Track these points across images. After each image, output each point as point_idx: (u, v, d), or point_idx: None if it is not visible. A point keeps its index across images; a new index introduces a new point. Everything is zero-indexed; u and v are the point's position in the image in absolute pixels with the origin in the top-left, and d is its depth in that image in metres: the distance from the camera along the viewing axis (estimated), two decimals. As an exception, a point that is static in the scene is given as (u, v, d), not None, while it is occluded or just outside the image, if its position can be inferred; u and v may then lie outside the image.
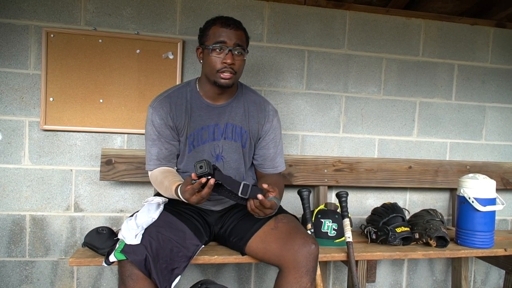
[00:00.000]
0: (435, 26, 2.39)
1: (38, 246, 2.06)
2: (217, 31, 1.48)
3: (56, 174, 2.05)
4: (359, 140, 2.36)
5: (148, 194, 2.12)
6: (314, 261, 1.45)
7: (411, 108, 2.41)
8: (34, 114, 2.01)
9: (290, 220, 1.58)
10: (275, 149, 1.71)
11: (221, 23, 1.49)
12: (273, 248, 1.49)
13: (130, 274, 1.33)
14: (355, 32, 2.31)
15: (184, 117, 1.59)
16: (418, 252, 1.87)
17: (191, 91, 1.62)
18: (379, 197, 2.40)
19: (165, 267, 1.37)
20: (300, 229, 1.54)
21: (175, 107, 1.58)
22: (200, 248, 1.51)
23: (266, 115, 1.68)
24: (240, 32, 1.52)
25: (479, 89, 2.48)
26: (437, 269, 2.51)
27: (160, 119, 1.56)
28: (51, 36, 1.97)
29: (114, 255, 1.37)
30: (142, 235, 1.38)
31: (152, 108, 1.58)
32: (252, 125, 1.66)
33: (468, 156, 2.49)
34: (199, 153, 1.61)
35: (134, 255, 1.33)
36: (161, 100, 1.59)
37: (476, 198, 1.92)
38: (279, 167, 1.74)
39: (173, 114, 1.58)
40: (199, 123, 1.60)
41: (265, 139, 1.69)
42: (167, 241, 1.40)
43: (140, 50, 2.06)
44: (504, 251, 1.96)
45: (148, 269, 1.34)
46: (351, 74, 2.32)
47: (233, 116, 1.63)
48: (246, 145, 1.67)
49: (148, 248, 1.34)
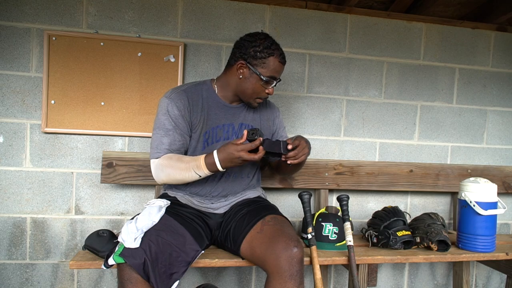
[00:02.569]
0: (436, 30, 2.40)
1: (38, 248, 2.06)
2: (276, 66, 1.59)
3: (57, 176, 2.05)
4: (360, 143, 2.36)
5: (149, 197, 2.12)
6: (298, 264, 1.40)
7: (412, 112, 2.41)
8: (35, 117, 2.01)
9: (276, 222, 1.55)
10: (285, 133, 1.90)
11: (281, 58, 1.60)
12: (257, 253, 1.47)
13: (129, 277, 1.33)
14: (356, 35, 2.31)
15: (200, 114, 1.64)
16: (419, 256, 1.87)
17: (208, 90, 1.68)
18: (380, 200, 2.39)
19: (164, 272, 1.36)
20: (285, 231, 1.49)
21: (192, 102, 1.62)
22: (199, 253, 1.50)
23: (273, 111, 1.86)
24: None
25: (480, 93, 2.48)
26: (438, 273, 2.51)
27: (178, 110, 1.58)
28: (53, 39, 1.98)
29: (113, 258, 1.37)
30: (142, 239, 1.38)
31: (168, 99, 1.59)
32: (264, 122, 1.79)
33: (469, 160, 2.49)
34: (212, 150, 1.59)
35: (132, 258, 1.32)
36: (179, 92, 1.62)
37: (477, 202, 1.91)
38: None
39: (191, 108, 1.62)
40: (215, 122, 1.66)
41: (278, 131, 1.87)
42: (167, 245, 1.39)
43: (141, 53, 2.06)
44: (506, 255, 1.95)
45: (146, 273, 1.33)
46: (352, 77, 2.32)
47: (246, 116, 1.74)
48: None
49: (147, 251, 1.34)
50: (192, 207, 1.69)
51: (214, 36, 2.15)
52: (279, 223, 1.56)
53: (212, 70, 2.16)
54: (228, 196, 1.73)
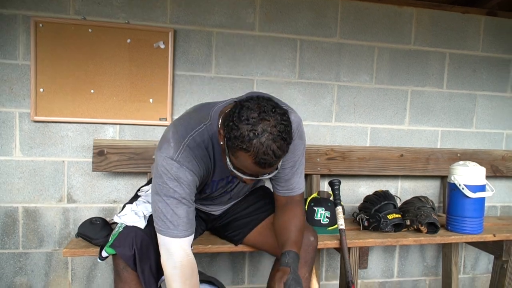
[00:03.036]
0: (426, 15, 2.39)
1: (31, 237, 2.05)
2: (248, 166, 1.12)
3: (48, 165, 2.04)
4: (351, 129, 2.37)
5: (141, 184, 2.11)
6: (313, 252, 1.47)
7: (403, 97, 2.42)
8: (24, 106, 1.98)
9: None
10: (291, 169, 1.41)
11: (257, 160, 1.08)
12: (271, 241, 1.49)
13: (124, 266, 1.34)
14: (347, 20, 2.30)
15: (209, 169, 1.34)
16: (409, 239, 1.91)
17: (212, 139, 1.29)
18: (371, 185, 2.42)
19: (155, 264, 1.36)
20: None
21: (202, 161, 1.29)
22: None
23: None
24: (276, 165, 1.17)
25: (470, 78, 2.49)
26: (428, 255, 2.56)
27: (192, 175, 1.25)
28: (39, 25, 1.94)
29: (105, 250, 1.37)
30: (135, 231, 1.37)
31: (176, 162, 1.22)
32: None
33: (459, 144, 2.52)
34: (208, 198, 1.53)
35: (122, 249, 1.32)
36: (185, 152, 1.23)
37: (466, 185, 1.95)
38: (295, 190, 1.45)
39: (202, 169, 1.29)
40: (216, 176, 1.39)
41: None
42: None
43: (130, 40, 2.04)
44: (493, 237, 2.00)
45: (136, 264, 1.33)
46: (343, 63, 2.32)
47: None
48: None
49: (139, 243, 1.33)
50: None
51: (204, 22, 2.13)
52: None
53: (202, 57, 2.14)
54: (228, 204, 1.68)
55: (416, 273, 2.55)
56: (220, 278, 2.24)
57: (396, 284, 2.52)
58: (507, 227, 2.16)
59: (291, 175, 1.42)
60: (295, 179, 1.43)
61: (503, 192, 2.61)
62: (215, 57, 2.16)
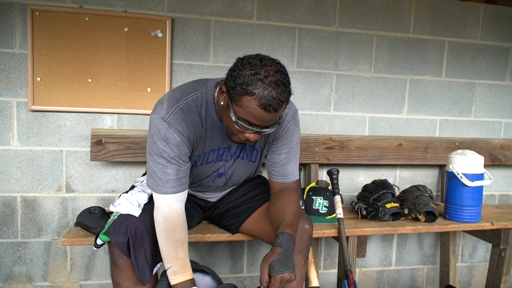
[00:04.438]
0: (425, 3, 2.38)
1: (30, 227, 2.06)
2: (254, 111, 1.15)
3: (46, 155, 2.03)
4: (350, 118, 2.36)
5: (140, 174, 2.12)
6: (308, 240, 1.48)
7: (402, 86, 2.41)
8: (21, 95, 1.98)
9: None
10: (287, 155, 1.47)
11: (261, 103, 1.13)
12: (267, 229, 1.50)
13: (119, 253, 1.34)
14: (346, 8, 2.28)
15: (199, 140, 1.38)
16: (407, 227, 1.91)
17: (208, 108, 1.34)
18: (370, 174, 2.42)
19: (150, 252, 1.36)
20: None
21: (193, 125, 1.32)
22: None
23: (281, 122, 1.41)
24: (278, 113, 1.19)
25: (469, 66, 2.49)
26: (426, 243, 2.57)
27: (180, 136, 1.29)
28: (36, 14, 1.92)
29: (100, 238, 1.37)
30: (129, 219, 1.37)
31: (166, 122, 1.27)
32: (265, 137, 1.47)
33: (457, 133, 2.52)
34: (202, 170, 1.48)
35: (116, 236, 1.32)
36: (176, 113, 1.28)
37: (464, 174, 1.95)
38: (290, 176, 1.50)
39: (191, 134, 1.33)
40: (209, 146, 1.41)
41: (276, 143, 1.47)
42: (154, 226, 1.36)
43: (128, 28, 2.02)
44: (491, 225, 2.01)
45: (130, 252, 1.33)
46: (342, 51, 2.31)
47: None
48: (256, 160, 1.54)
49: (132, 231, 1.33)
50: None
51: (202, 10, 2.11)
52: None
53: (200, 45, 2.13)
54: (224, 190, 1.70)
55: (414, 262, 2.56)
56: (218, 267, 2.26)
57: (394, 273, 2.54)
58: (505, 216, 2.17)
59: (287, 161, 1.48)
60: (290, 165, 1.49)
61: (501, 181, 2.62)
62: (213, 46, 2.15)
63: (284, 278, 1.17)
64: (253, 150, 1.50)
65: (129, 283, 1.36)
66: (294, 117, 1.46)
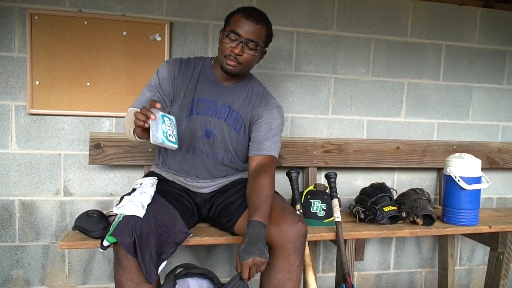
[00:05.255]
0: (423, 7, 2.39)
1: (28, 231, 2.05)
2: (238, 20, 1.52)
3: (44, 158, 2.03)
4: (348, 121, 2.37)
5: (138, 178, 2.12)
6: (302, 238, 1.47)
7: (399, 89, 2.42)
8: (20, 98, 1.98)
9: (277, 199, 1.60)
10: (266, 134, 1.65)
11: (244, 13, 1.52)
12: None
13: (125, 253, 1.34)
14: (344, 13, 2.30)
15: (187, 83, 1.64)
16: (405, 231, 1.91)
17: (204, 65, 1.69)
18: (368, 177, 2.42)
19: (155, 251, 1.37)
20: (287, 207, 1.57)
21: (183, 71, 1.65)
22: (188, 236, 1.51)
23: (266, 104, 1.69)
24: (259, 27, 1.53)
25: (466, 70, 2.50)
26: (424, 247, 2.57)
27: (167, 73, 1.62)
28: (35, 18, 1.93)
29: (106, 239, 1.38)
30: (134, 220, 1.38)
31: (165, 62, 1.67)
32: (249, 111, 1.68)
33: (455, 136, 2.52)
34: (191, 121, 1.64)
35: (123, 237, 1.33)
36: (176, 59, 1.68)
37: (462, 177, 1.95)
38: (264, 150, 1.63)
39: (179, 76, 1.64)
40: (199, 94, 1.64)
41: (259, 122, 1.67)
42: (158, 226, 1.40)
43: (126, 32, 2.03)
44: (489, 228, 2.01)
45: (136, 252, 1.34)
46: (340, 55, 2.32)
47: (234, 100, 1.67)
48: (240, 131, 1.69)
49: (138, 231, 1.34)
50: (179, 183, 1.72)
51: (201, 14, 2.12)
52: (280, 200, 1.62)
53: (199, 49, 2.14)
54: (215, 179, 1.74)
55: (413, 265, 2.56)
56: (217, 270, 2.25)
57: (392, 276, 2.54)
58: (503, 219, 2.17)
59: (265, 138, 1.65)
60: (267, 142, 1.65)
61: (499, 184, 2.63)
62: (211, 50, 2.15)
63: (249, 263, 1.31)
64: (237, 116, 1.67)
65: (132, 283, 1.36)
66: (279, 108, 1.72)
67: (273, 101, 1.72)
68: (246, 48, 1.53)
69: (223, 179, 1.75)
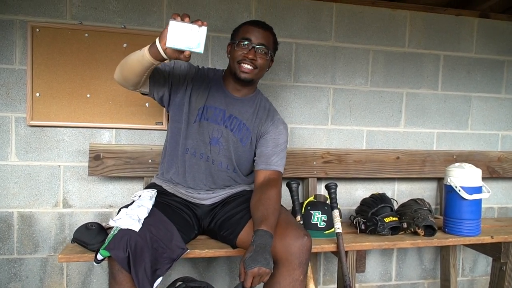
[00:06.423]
0: (420, 17, 2.41)
1: (26, 243, 2.04)
2: (246, 29, 1.61)
3: (43, 170, 2.03)
4: (348, 131, 2.37)
5: (138, 189, 2.11)
6: (307, 253, 1.46)
7: (398, 99, 2.43)
8: (20, 110, 1.98)
9: (282, 213, 1.58)
10: (273, 149, 1.69)
11: (251, 23, 1.63)
12: None
13: (119, 268, 1.33)
14: (342, 24, 2.32)
15: (200, 89, 1.68)
16: (406, 241, 1.89)
17: (217, 74, 1.75)
18: (368, 188, 2.42)
19: (150, 267, 1.35)
20: (292, 221, 1.56)
21: (199, 76, 1.70)
22: (185, 252, 1.49)
23: (272, 120, 1.74)
24: (268, 34, 1.63)
25: (464, 79, 2.51)
26: (426, 258, 2.55)
27: (185, 67, 1.65)
28: (36, 30, 1.95)
29: (100, 253, 1.36)
30: (129, 234, 1.36)
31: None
32: (256, 125, 1.72)
33: (454, 146, 2.52)
34: (201, 127, 1.67)
35: (117, 251, 1.31)
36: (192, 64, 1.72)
37: (462, 187, 1.94)
38: (273, 165, 1.67)
39: (196, 77, 1.68)
40: (211, 101, 1.68)
41: (265, 138, 1.71)
42: (154, 241, 1.38)
43: (127, 44, 2.04)
44: (491, 239, 1.99)
45: (130, 267, 1.32)
46: (338, 66, 2.33)
47: (242, 111, 1.71)
48: (245, 143, 1.71)
49: (133, 246, 1.32)
50: (179, 196, 1.70)
51: (200, 26, 2.14)
52: (284, 213, 1.60)
53: (199, 60, 2.15)
54: (216, 190, 1.73)
55: (415, 276, 2.54)
56: (217, 283, 2.23)
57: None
58: (504, 229, 2.16)
59: (272, 153, 1.68)
60: (274, 157, 1.68)
61: (500, 194, 2.61)
62: (211, 61, 2.17)
63: (254, 273, 1.28)
64: (244, 128, 1.70)
65: None
66: (285, 125, 1.76)
67: (278, 117, 1.77)
68: (259, 53, 1.60)
69: (224, 190, 1.75)
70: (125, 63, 1.48)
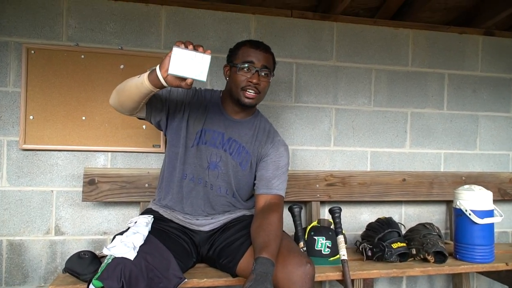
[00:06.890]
0: (423, 36, 2.39)
1: (15, 273, 1.95)
2: (247, 51, 1.55)
3: (35, 195, 1.96)
4: (351, 153, 2.31)
5: (134, 215, 2.04)
6: (310, 282, 1.39)
7: (403, 119, 2.37)
8: (13, 133, 1.94)
9: (284, 239, 1.52)
10: (274, 172, 1.63)
11: (251, 44, 1.57)
12: None
13: None
14: (343, 43, 2.29)
15: (198, 112, 1.63)
16: (416, 269, 1.81)
17: (214, 96, 1.69)
18: (374, 211, 2.34)
19: None
20: (294, 248, 1.50)
21: (196, 98, 1.64)
22: (182, 282, 1.43)
23: (272, 142, 1.68)
24: (268, 55, 1.59)
25: (470, 98, 2.46)
26: (438, 285, 2.44)
27: (182, 91, 1.59)
28: (31, 52, 1.92)
29: (93, 283, 1.29)
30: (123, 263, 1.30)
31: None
32: (256, 148, 1.66)
33: (463, 167, 2.45)
34: (199, 151, 1.61)
35: (110, 281, 1.25)
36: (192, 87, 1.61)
37: (473, 211, 1.87)
38: (274, 189, 1.60)
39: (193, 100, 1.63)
40: (207, 124, 1.63)
41: (266, 160, 1.65)
42: (149, 270, 1.33)
43: (124, 66, 2.01)
44: (506, 266, 1.90)
45: None
46: (340, 86, 2.29)
47: (241, 134, 1.65)
48: (245, 167, 1.66)
49: (127, 275, 1.26)
50: (177, 222, 1.64)
51: (198, 47, 2.11)
52: (285, 239, 1.54)
53: (196, 82, 2.10)
54: (215, 216, 1.67)
55: (425, 305, 2.42)
56: (216, 313, 2.12)
57: (404, 318, 2.39)
58: (519, 255, 2.06)
59: (273, 176, 1.62)
60: (275, 181, 1.61)
61: (513, 217, 2.52)
62: (210, 82, 2.13)
63: None
64: (243, 151, 1.64)
65: None
66: (286, 146, 1.70)
67: (279, 138, 1.71)
68: (262, 77, 1.56)
69: (223, 215, 1.69)
70: (122, 89, 1.44)
